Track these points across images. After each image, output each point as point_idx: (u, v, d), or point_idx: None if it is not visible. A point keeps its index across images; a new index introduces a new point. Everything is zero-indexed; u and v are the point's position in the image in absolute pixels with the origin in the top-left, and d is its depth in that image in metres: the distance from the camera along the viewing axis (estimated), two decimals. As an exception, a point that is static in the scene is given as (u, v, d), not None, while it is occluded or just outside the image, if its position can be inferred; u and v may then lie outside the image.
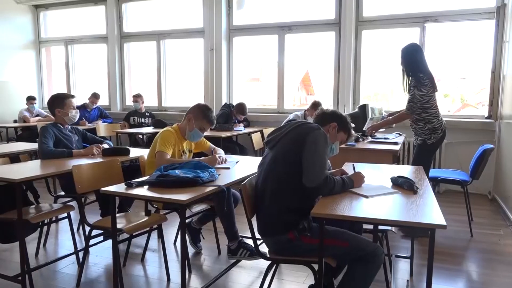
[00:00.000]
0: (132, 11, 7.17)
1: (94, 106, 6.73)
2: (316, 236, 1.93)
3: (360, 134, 3.96)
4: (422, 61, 3.54)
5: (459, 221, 3.95)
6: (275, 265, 2.40)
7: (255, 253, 2.62)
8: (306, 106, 5.51)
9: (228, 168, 2.76)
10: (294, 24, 5.94)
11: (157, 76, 6.98)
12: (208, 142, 3.33)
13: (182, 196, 2.02)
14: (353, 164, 2.51)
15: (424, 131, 3.60)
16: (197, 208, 2.94)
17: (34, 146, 3.87)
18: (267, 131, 5.51)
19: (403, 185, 2.14)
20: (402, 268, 2.97)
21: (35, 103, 6.95)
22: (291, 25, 5.95)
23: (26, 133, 6.50)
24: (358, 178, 2.16)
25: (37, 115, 6.91)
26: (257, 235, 2.16)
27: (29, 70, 7.75)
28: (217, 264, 3.09)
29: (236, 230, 2.72)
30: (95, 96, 6.71)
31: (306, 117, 5.20)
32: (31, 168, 2.87)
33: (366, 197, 1.96)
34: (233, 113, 5.76)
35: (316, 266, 1.94)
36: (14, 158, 3.34)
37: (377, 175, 2.51)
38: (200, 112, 3.00)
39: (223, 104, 6.06)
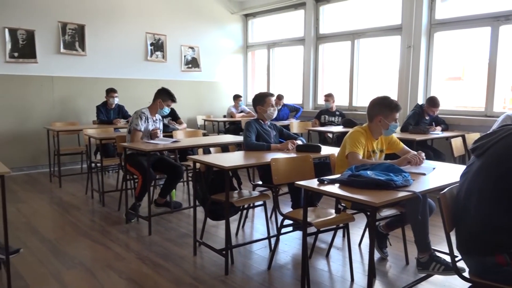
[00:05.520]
0: (328, 13, 7.38)
1: (280, 107, 7.09)
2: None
3: None
4: None
5: None
6: (475, 289, 2.12)
7: (450, 268, 2.38)
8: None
9: (424, 174, 2.57)
10: (514, 12, 5.08)
11: (349, 76, 7.00)
12: (401, 144, 3.18)
13: (374, 198, 1.98)
14: None
15: None
16: (386, 212, 2.84)
17: (238, 138, 4.39)
18: (471, 136, 4.90)
19: None
20: None
21: (241, 101, 7.91)
22: (510, 14, 5.10)
23: (232, 127, 7.45)
24: None
25: (241, 111, 7.84)
26: (455, 252, 1.95)
27: (236, 72, 8.85)
28: (404, 274, 2.92)
29: (429, 241, 2.51)
30: (278, 98, 6.98)
31: (524, 121, 4.39)
32: (236, 158, 3.29)
33: None
34: (425, 110, 5.32)
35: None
36: (224, 148, 3.87)
37: None
38: (386, 108, 2.93)
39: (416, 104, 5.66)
